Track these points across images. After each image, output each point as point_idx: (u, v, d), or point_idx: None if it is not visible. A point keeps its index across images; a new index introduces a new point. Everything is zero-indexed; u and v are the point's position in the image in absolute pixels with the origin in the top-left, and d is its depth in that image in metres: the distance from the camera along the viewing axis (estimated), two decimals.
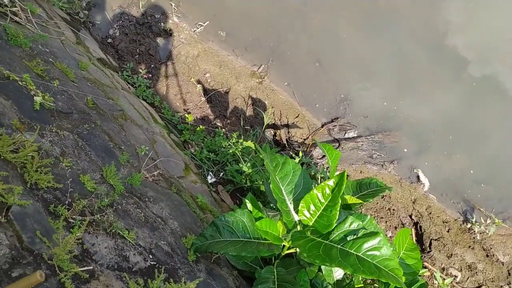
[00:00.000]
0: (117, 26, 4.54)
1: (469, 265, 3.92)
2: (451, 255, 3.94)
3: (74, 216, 1.53)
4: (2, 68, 2.00)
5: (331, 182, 1.96)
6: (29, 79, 2.07)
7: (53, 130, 1.94)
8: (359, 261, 1.70)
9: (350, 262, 1.70)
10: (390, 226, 4.01)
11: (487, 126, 4.70)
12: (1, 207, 1.28)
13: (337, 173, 2.07)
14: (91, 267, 1.37)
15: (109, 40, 4.47)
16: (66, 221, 1.48)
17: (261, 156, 3.42)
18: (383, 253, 1.71)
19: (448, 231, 4.10)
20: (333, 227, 1.91)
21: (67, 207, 1.54)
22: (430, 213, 4.17)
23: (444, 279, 3.72)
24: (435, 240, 4.01)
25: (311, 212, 2.01)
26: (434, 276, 3.70)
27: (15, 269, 1.14)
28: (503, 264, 3.97)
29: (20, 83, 2.05)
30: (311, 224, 2.02)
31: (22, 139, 1.65)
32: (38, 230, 1.31)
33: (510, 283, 3.86)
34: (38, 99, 2.04)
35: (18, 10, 2.82)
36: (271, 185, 2.15)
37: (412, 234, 4.01)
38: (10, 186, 1.32)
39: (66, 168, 1.75)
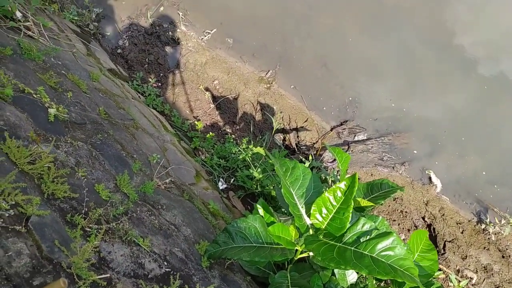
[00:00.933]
0: (126, 36, 4.62)
1: (484, 267, 3.87)
2: (466, 256, 3.89)
3: (90, 225, 1.56)
4: (17, 82, 2.06)
5: (342, 185, 1.97)
6: (43, 92, 2.12)
7: (68, 141, 1.99)
8: (374, 262, 1.70)
9: (365, 264, 1.70)
10: (403, 228, 3.98)
11: (499, 126, 4.65)
12: (21, 217, 1.31)
13: (348, 176, 2.08)
14: (108, 275, 1.39)
15: (119, 51, 4.54)
16: (83, 230, 1.51)
17: (270, 161, 3.44)
18: (397, 253, 1.71)
19: (462, 233, 4.06)
20: (345, 230, 1.91)
21: (83, 216, 1.58)
22: (443, 214, 4.13)
23: (459, 281, 3.68)
24: (449, 241, 3.97)
25: (323, 215, 2.02)
26: (449, 279, 3.66)
27: (36, 278, 1.17)
28: None
29: (35, 95, 2.10)
30: (323, 227, 2.02)
31: (38, 150, 1.70)
32: (57, 240, 1.34)
33: None
34: (52, 111, 2.09)
35: (31, 25, 2.89)
36: (282, 190, 2.16)
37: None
38: (29, 197, 1.35)
39: (82, 178, 1.79)
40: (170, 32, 4.76)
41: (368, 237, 1.88)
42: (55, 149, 1.86)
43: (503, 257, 3.95)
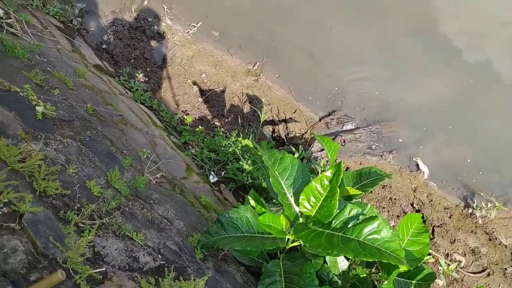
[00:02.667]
0: (111, 31, 4.59)
1: (472, 250, 3.99)
2: (454, 240, 4.00)
3: (83, 221, 1.58)
4: (2, 80, 2.06)
5: (328, 173, 2.02)
6: (30, 90, 2.12)
7: (57, 138, 2.00)
8: (360, 245, 1.76)
9: (352, 248, 1.76)
10: (392, 215, 4.07)
11: (484, 112, 4.75)
12: (14, 215, 1.34)
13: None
14: (103, 269, 1.43)
15: (104, 46, 4.51)
16: (76, 225, 1.54)
17: (259, 153, 3.48)
18: (383, 236, 1.77)
19: (450, 217, 4.17)
20: (333, 216, 1.97)
21: (76, 212, 1.60)
22: (431, 200, 4.23)
23: (448, 264, 3.79)
24: (438, 226, 4.07)
25: (312, 203, 2.07)
26: (439, 262, 3.77)
27: (33, 274, 1.20)
28: (506, 247, 4.04)
29: (21, 94, 2.10)
30: (312, 215, 2.08)
31: (28, 148, 1.71)
32: (51, 236, 1.37)
33: None
34: (39, 108, 2.09)
35: (13, 22, 2.87)
36: (271, 180, 2.21)
37: None
38: (21, 194, 1.37)
39: (73, 174, 1.81)
40: (155, 26, 4.75)
41: (355, 222, 1.94)
42: (44, 146, 1.87)
43: (490, 239, 4.07)
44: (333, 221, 1.99)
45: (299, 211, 2.17)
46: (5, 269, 1.12)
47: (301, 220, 2.19)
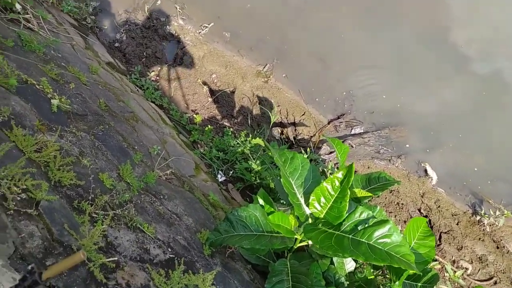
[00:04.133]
0: (123, 30, 4.64)
1: (479, 257, 3.96)
2: (461, 247, 3.98)
3: (97, 211, 1.61)
4: (20, 73, 2.10)
5: (339, 174, 2.03)
6: (46, 83, 2.16)
7: (72, 131, 2.03)
8: (371, 249, 1.76)
9: (362, 251, 1.76)
10: (399, 220, 4.06)
11: (494, 120, 4.73)
12: (31, 202, 1.36)
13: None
14: (116, 258, 1.45)
15: (117, 44, 4.57)
16: (90, 215, 1.56)
17: (269, 153, 3.49)
18: (394, 240, 1.77)
19: (457, 224, 4.14)
20: (343, 218, 1.97)
21: (90, 202, 1.63)
22: (439, 206, 4.21)
23: (455, 271, 3.76)
24: (445, 233, 4.06)
25: (322, 204, 2.08)
26: (445, 269, 3.75)
27: (48, 259, 1.22)
28: None
29: (38, 86, 2.14)
30: (322, 216, 2.09)
31: (44, 139, 1.74)
32: (66, 224, 1.39)
33: None
34: (55, 102, 2.13)
35: (30, 17, 2.92)
36: (281, 180, 2.22)
37: None
38: (38, 182, 1.40)
39: (87, 166, 1.84)
40: (167, 26, 4.79)
41: (365, 225, 1.94)
42: (59, 138, 1.90)
43: (497, 247, 4.05)
44: (343, 223, 1.99)
45: (309, 212, 2.18)
46: (23, 252, 1.15)
47: (310, 220, 2.20)
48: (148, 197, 2.16)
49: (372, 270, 2.59)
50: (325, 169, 3.81)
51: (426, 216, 4.16)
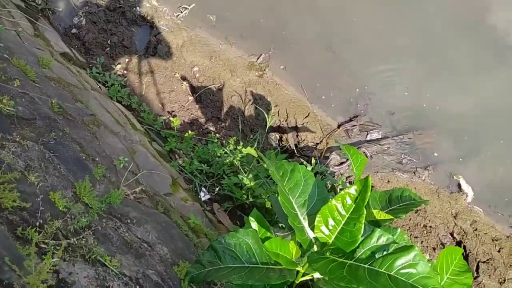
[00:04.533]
0: (82, 13, 4.66)
1: None
2: (504, 280, 3.99)
3: (46, 241, 1.59)
4: None
5: (352, 190, 2.02)
6: None
7: (16, 140, 2.02)
8: (392, 281, 1.76)
9: (382, 283, 1.76)
10: (427, 247, 4.07)
11: None
12: None
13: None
14: None
15: (74, 31, 4.58)
16: (38, 246, 1.54)
17: (264, 164, 3.50)
18: (420, 270, 1.76)
19: (499, 251, 4.16)
20: (357, 244, 1.97)
21: (37, 229, 1.61)
22: (476, 229, 4.23)
23: None
24: (484, 262, 4.06)
25: (330, 227, 2.08)
26: None
27: None
28: None
29: None
30: (330, 242, 2.08)
31: None
32: (7, 257, 1.37)
33: None
34: None
35: None
36: (279, 198, 2.22)
37: None
38: None
39: (36, 183, 1.82)
40: (137, 8, 4.81)
41: (384, 252, 1.94)
42: (0, 149, 1.89)
43: None
44: (357, 250, 1.99)
45: (314, 237, 2.17)
46: None
47: (315, 247, 2.19)
48: (111, 221, 2.15)
49: None
50: (334, 184, 3.81)
51: (460, 242, 4.17)
